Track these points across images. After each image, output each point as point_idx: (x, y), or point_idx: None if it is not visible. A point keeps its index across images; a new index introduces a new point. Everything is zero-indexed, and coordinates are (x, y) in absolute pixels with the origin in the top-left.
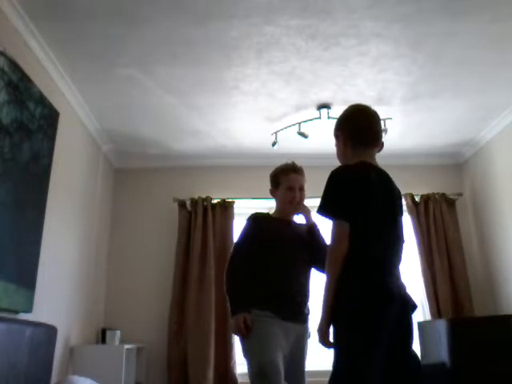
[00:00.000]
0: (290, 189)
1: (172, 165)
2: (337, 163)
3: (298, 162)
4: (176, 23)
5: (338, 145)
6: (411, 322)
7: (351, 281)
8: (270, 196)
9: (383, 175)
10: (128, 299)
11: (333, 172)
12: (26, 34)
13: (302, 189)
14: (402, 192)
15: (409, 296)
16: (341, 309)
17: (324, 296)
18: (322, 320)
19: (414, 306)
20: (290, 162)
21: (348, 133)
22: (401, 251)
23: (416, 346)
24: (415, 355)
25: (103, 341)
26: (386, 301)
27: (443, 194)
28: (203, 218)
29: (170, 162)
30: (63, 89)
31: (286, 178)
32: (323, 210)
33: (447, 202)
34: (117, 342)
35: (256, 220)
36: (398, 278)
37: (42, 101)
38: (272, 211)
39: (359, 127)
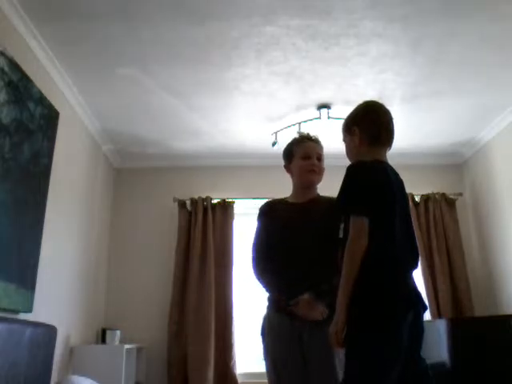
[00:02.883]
0: (307, 157)
1: (172, 165)
2: (337, 163)
3: None
4: (176, 23)
5: (350, 140)
6: (423, 325)
7: (370, 284)
8: (270, 196)
9: (397, 175)
10: (128, 299)
11: (351, 167)
12: (26, 34)
13: (320, 159)
14: None
15: (421, 297)
16: (359, 312)
17: (340, 294)
18: (336, 320)
19: (425, 308)
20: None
21: (366, 130)
22: (416, 251)
23: None
24: (423, 358)
25: (103, 341)
26: (406, 307)
27: (443, 194)
28: (203, 218)
29: (170, 161)
30: (63, 89)
31: (301, 146)
32: (343, 205)
33: (447, 202)
34: (117, 342)
35: (262, 215)
36: (413, 279)
37: (41, 101)
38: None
39: (379, 126)
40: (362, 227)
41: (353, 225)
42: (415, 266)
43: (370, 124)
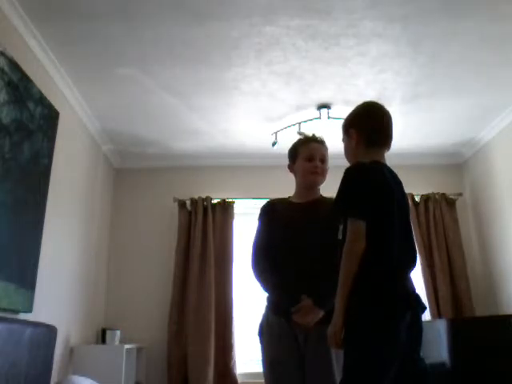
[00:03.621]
0: (311, 158)
1: (172, 165)
2: (337, 163)
3: None
4: (176, 23)
5: (348, 141)
6: (421, 326)
7: (370, 284)
8: (270, 196)
9: (395, 176)
10: (128, 299)
11: (349, 170)
12: (26, 34)
13: (323, 161)
14: None
15: (419, 298)
16: (358, 313)
17: (338, 296)
18: (334, 321)
19: (423, 308)
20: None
21: (364, 132)
22: (414, 252)
23: None
24: (422, 358)
25: (103, 341)
26: (405, 307)
27: (443, 194)
28: (203, 218)
29: (170, 161)
30: (63, 89)
31: (305, 147)
32: (340, 208)
33: (447, 202)
34: (117, 342)
35: (264, 214)
36: (411, 280)
37: (41, 101)
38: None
39: (376, 128)
40: (359, 230)
41: (350, 227)
42: (414, 267)
43: (368, 125)
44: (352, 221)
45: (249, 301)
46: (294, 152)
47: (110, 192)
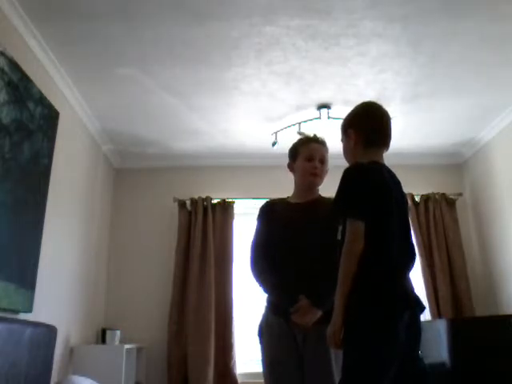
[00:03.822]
0: (310, 159)
1: (172, 165)
2: (337, 163)
3: None
4: (176, 23)
5: (346, 142)
6: (420, 326)
7: (369, 284)
8: (270, 196)
9: (393, 176)
10: (128, 299)
11: (347, 170)
12: (26, 34)
13: (323, 161)
14: None
15: (418, 298)
16: (358, 313)
17: (337, 296)
18: (334, 321)
19: (422, 309)
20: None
21: (362, 133)
22: (413, 252)
23: None
24: (421, 358)
25: (103, 341)
26: (404, 307)
27: (443, 194)
28: (203, 218)
29: (170, 162)
30: (63, 89)
31: (305, 147)
32: (339, 208)
33: (447, 202)
34: (117, 342)
35: (263, 214)
36: (409, 280)
37: (41, 101)
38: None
39: (375, 128)
40: (357, 230)
41: (349, 227)
42: (412, 266)
43: (367, 126)
44: (351, 221)
45: (249, 301)
46: (295, 151)
47: (110, 192)
